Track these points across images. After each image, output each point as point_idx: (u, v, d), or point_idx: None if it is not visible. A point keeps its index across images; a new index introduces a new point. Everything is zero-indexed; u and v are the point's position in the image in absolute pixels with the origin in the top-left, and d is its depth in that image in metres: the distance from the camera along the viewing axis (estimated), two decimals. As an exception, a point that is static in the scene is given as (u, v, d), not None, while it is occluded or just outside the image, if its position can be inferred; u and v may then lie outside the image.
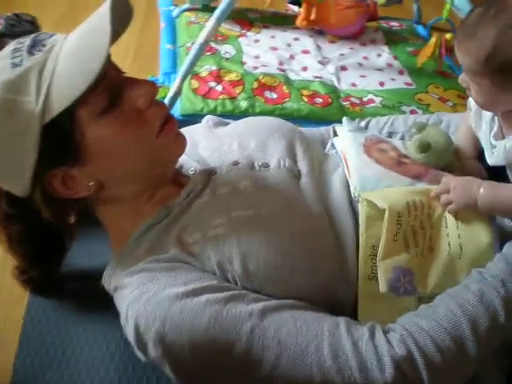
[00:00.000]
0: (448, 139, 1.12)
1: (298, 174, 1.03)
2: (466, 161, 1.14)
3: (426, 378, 0.77)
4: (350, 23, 2.46)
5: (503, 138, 1.01)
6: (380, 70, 2.31)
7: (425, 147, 1.07)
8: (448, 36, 2.02)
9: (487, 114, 1.05)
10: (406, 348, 0.78)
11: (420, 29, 2.77)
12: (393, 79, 2.24)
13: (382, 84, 2.20)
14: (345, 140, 1.15)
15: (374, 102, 2.07)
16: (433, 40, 2.02)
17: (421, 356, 0.78)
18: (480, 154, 1.13)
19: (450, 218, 0.97)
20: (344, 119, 1.22)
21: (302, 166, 1.05)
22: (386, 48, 2.51)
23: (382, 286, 0.88)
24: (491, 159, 1.04)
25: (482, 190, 0.93)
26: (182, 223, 0.92)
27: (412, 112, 2.00)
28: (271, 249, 0.87)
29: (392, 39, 2.60)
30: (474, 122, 1.11)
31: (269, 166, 1.02)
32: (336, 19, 2.34)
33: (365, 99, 2.08)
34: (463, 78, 0.98)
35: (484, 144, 1.08)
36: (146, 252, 0.90)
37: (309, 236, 0.91)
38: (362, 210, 0.96)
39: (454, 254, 0.93)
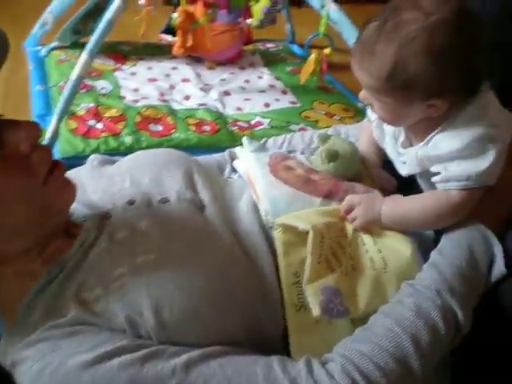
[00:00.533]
0: (354, 147, 1.09)
1: (201, 204, 0.96)
2: (372, 169, 1.11)
3: None
4: (226, 47, 2.45)
5: (411, 145, 0.99)
6: (263, 91, 2.30)
7: (333, 156, 1.03)
8: (327, 51, 2.01)
9: (390, 127, 1.03)
10: (350, 377, 0.71)
11: (295, 48, 2.81)
12: (277, 99, 2.23)
13: (267, 105, 2.18)
14: (248, 161, 1.08)
15: (262, 124, 2.04)
16: (313, 56, 2.00)
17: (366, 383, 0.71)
18: (386, 162, 1.11)
19: (364, 235, 0.94)
20: (244, 139, 1.16)
21: (204, 195, 0.97)
22: (265, 70, 2.52)
23: (315, 310, 0.80)
24: (404, 170, 1.02)
25: (383, 207, 0.93)
26: (78, 279, 0.80)
27: (301, 130, 1.97)
28: (185, 293, 0.77)
29: (270, 60, 2.61)
30: (377, 135, 1.09)
31: (168, 201, 0.94)
32: (212, 44, 2.31)
33: (252, 122, 2.05)
34: (364, 96, 0.94)
35: (392, 156, 1.06)
36: (41, 318, 0.77)
37: (222, 271, 0.82)
38: (277, 237, 0.90)
39: (379, 268, 0.88)
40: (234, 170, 1.16)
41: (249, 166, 1.07)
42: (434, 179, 0.92)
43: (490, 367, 0.89)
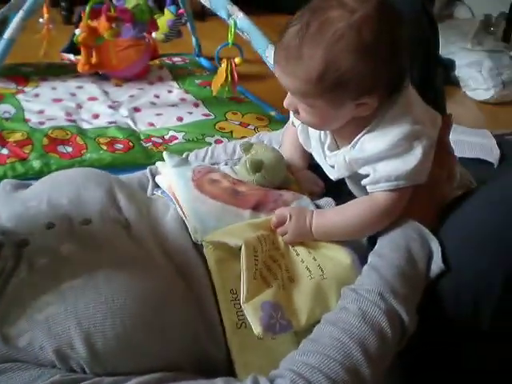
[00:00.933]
0: (278, 154, 1.07)
1: (127, 223, 0.91)
2: (298, 173, 1.10)
3: None
4: (132, 63, 2.38)
5: (338, 148, 0.98)
6: (174, 105, 2.26)
7: (257, 165, 1.01)
8: (237, 60, 1.99)
9: (315, 132, 1.01)
10: None
11: (203, 61, 2.78)
12: (190, 113, 2.19)
13: (180, 119, 2.13)
14: (170, 177, 1.03)
15: (176, 138, 1.99)
16: (223, 66, 1.98)
17: None
18: (314, 166, 1.10)
19: (297, 246, 0.92)
20: (165, 154, 1.10)
21: (129, 213, 0.92)
22: (174, 84, 2.48)
23: (256, 328, 0.77)
24: (332, 174, 1.00)
25: (313, 221, 0.91)
26: (-1, 312, 0.73)
27: (217, 142, 1.95)
28: (117, 320, 0.72)
29: (178, 74, 2.58)
30: (302, 140, 1.07)
31: (91, 222, 0.88)
32: (117, 60, 2.25)
33: (167, 137, 1.99)
34: (290, 102, 0.91)
35: (319, 160, 1.04)
36: None
37: (157, 295, 0.78)
38: (208, 255, 0.87)
39: (316, 275, 0.86)
40: (156, 186, 1.11)
41: (172, 181, 1.02)
42: (363, 182, 0.91)
43: (437, 365, 0.88)
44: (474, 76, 2.74)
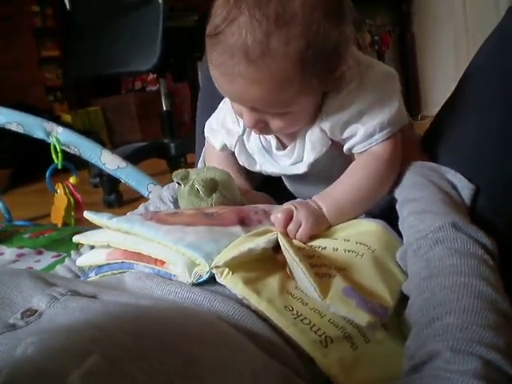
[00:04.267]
0: (223, 170, 0.91)
1: (91, 295, 0.66)
2: (247, 195, 0.96)
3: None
4: None
5: (283, 147, 0.90)
6: (16, 261, 1.94)
7: (212, 184, 0.85)
8: (72, 180, 1.79)
9: (254, 145, 0.93)
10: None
11: (19, 222, 2.50)
12: (37, 261, 1.90)
13: (29, 268, 1.81)
14: (111, 236, 0.79)
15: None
16: (60, 192, 1.76)
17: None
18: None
19: (316, 241, 0.77)
20: (86, 213, 0.83)
21: (82, 288, 0.68)
22: (3, 247, 2.15)
23: (363, 318, 0.60)
24: (300, 168, 0.90)
25: (320, 203, 0.82)
26: None
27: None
28: None
29: (2, 238, 2.26)
30: (245, 160, 0.96)
31: (36, 310, 0.62)
32: None
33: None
34: (257, 118, 0.80)
35: (272, 169, 0.94)
36: None
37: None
38: (231, 280, 0.65)
39: (363, 251, 0.72)
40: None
41: (115, 238, 0.78)
42: (349, 145, 0.83)
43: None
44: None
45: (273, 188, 1.02)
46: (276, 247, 0.70)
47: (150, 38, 2.37)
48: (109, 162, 1.73)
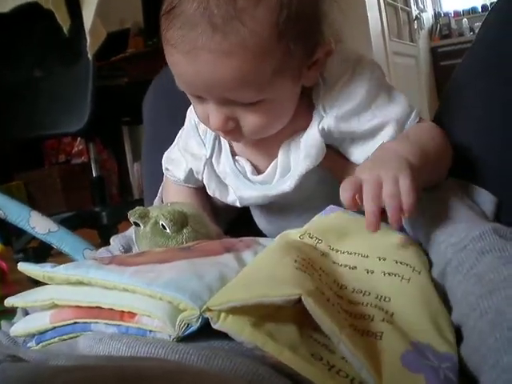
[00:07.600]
0: (189, 203, 0.79)
1: None
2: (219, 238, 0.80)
3: None
4: None
5: (258, 173, 0.80)
6: None
7: (181, 218, 0.70)
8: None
9: (225, 167, 0.81)
10: None
11: None
12: None
13: None
14: (59, 293, 0.60)
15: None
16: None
17: None
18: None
19: (340, 256, 0.61)
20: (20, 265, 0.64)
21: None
22: None
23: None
24: (288, 181, 0.76)
25: (396, 145, 0.67)
26: None
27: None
28: None
29: None
30: (215, 188, 0.82)
31: None
32: None
33: None
34: (226, 114, 0.67)
35: (249, 194, 0.80)
36: None
37: None
38: (232, 326, 0.48)
39: (407, 273, 0.56)
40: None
41: (71, 288, 0.59)
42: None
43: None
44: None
45: (245, 231, 0.87)
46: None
47: (78, 96, 2.20)
48: (38, 225, 1.53)
